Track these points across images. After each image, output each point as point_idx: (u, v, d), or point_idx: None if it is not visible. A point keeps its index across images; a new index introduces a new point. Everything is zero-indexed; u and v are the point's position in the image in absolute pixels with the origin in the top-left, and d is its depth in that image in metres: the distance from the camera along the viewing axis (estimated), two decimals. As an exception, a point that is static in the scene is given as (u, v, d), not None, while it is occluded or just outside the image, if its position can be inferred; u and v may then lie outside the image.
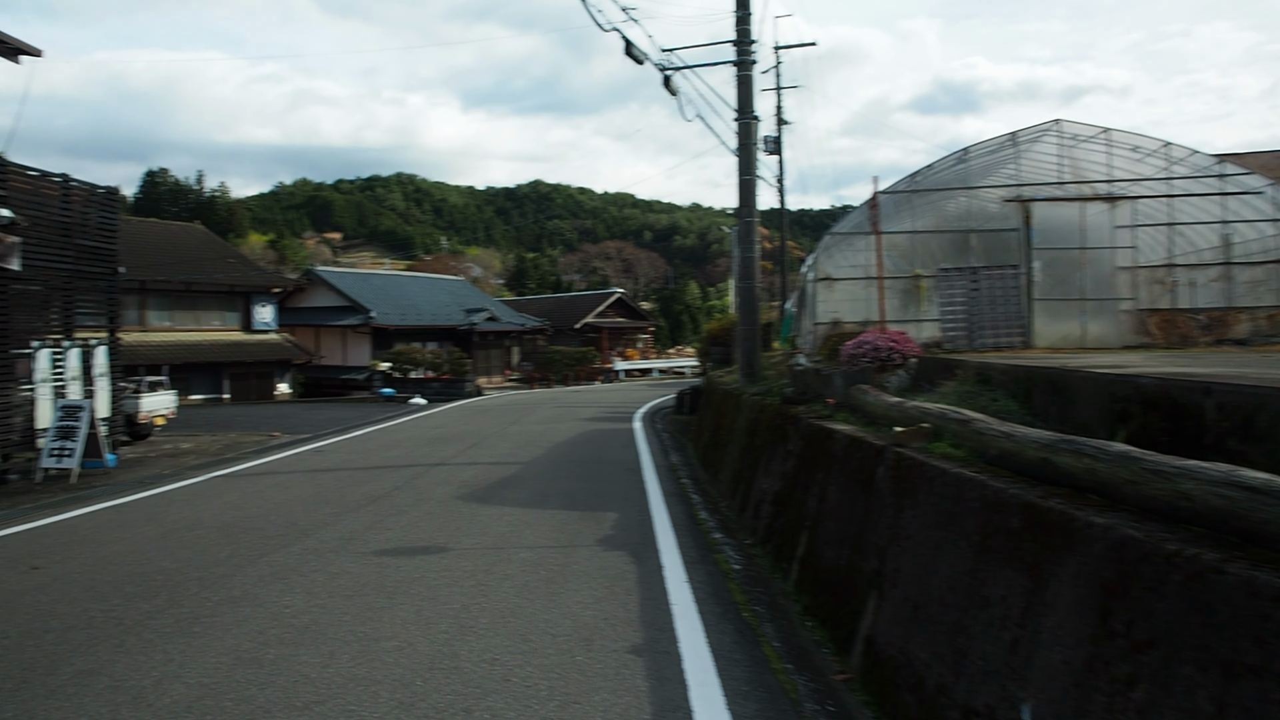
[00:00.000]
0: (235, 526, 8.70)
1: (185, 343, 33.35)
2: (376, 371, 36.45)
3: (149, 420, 18.42)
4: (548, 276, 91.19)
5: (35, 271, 13.30)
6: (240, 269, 38.18)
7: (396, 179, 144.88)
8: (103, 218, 15.23)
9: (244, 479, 12.28)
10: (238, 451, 15.99)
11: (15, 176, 13.07)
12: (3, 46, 13.96)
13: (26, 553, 7.75)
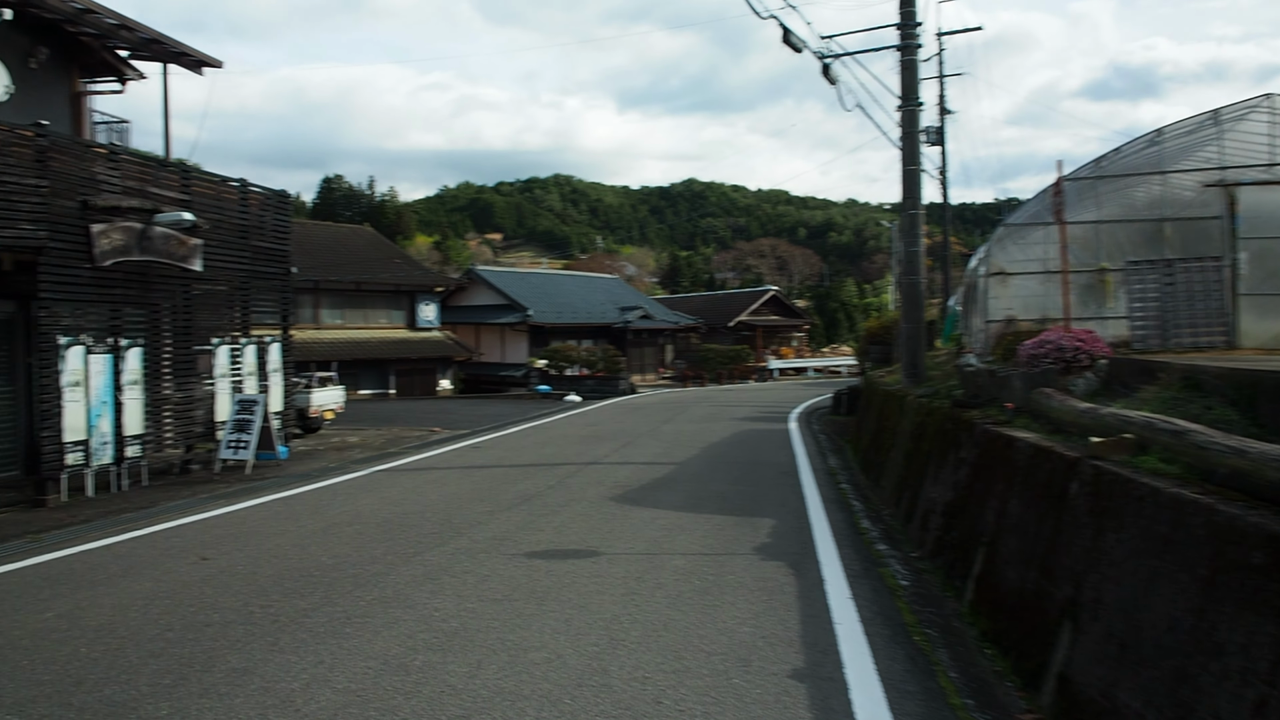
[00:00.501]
0: (392, 523, 8.79)
1: (355, 340, 34.90)
2: (533, 368, 37.13)
3: (319, 414, 19.23)
4: (701, 274, 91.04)
5: (215, 272, 14.01)
6: (405, 269, 39.67)
7: (554, 180, 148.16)
8: (277, 220, 15.94)
9: (404, 474, 12.52)
10: (400, 446, 16.42)
11: (198, 182, 13.80)
12: (188, 59, 14.80)
13: (198, 543, 8.03)
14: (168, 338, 13.30)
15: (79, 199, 11.46)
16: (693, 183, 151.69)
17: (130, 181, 12.46)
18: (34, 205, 10.80)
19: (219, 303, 14.53)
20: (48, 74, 14.00)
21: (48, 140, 11.07)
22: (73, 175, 11.44)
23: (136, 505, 10.55)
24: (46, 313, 11.03)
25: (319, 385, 19.81)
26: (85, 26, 13.42)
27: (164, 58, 14.64)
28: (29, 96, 13.51)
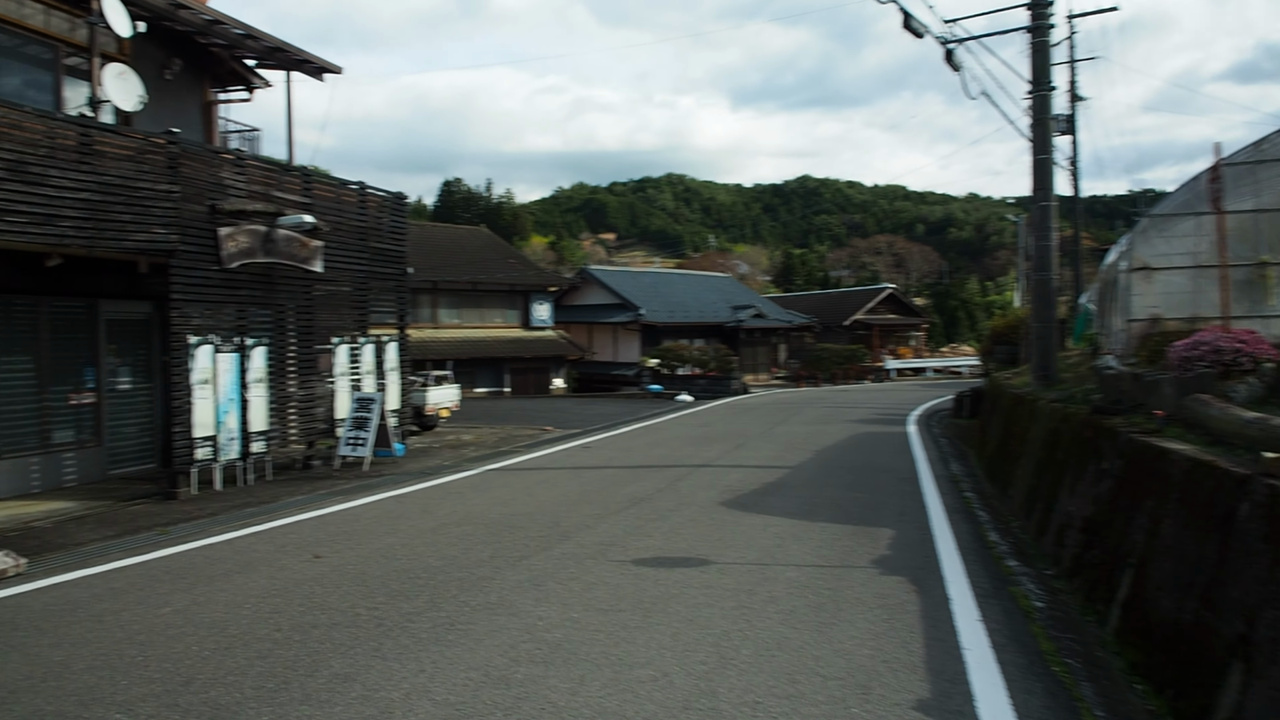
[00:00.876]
0: (501, 524, 8.72)
1: (471, 339, 35.54)
2: (645, 368, 37.09)
3: (435, 412, 19.55)
4: (815, 272, 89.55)
5: (335, 273, 14.33)
6: (520, 269, 40.21)
7: (666, 179, 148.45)
8: (394, 221, 16.23)
9: (514, 474, 12.52)
10: (512, 445, 16.51)
11: (318, 185, 14.14)
12: (309, 66, 15.18)
13: (312, 540, 8.13)
14: (291, 337, 13.66)
15: (207, 203, 11.85)
16: (807, 179, 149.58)
17: (255, 186, 12.84)
18: (165, 210, 11.21)
19: (339, 303, 14.87)
20: (181, 85, 14.58)
21: (178, 147, 11.47)
22: (201, 180, 11.84)
23: (259, 500, 10.83)
24: (177, 313, 11.43)
25: (435, 384, 20.15)
26: (214, 37, 13.91)
27: (287, 65, 15.07)
28: (164, 106, 14.09)
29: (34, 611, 5.95)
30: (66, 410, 12.40)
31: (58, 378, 12.24)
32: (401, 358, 16.07)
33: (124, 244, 10.70)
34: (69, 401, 12.44)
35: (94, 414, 12.81)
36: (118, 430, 13.16)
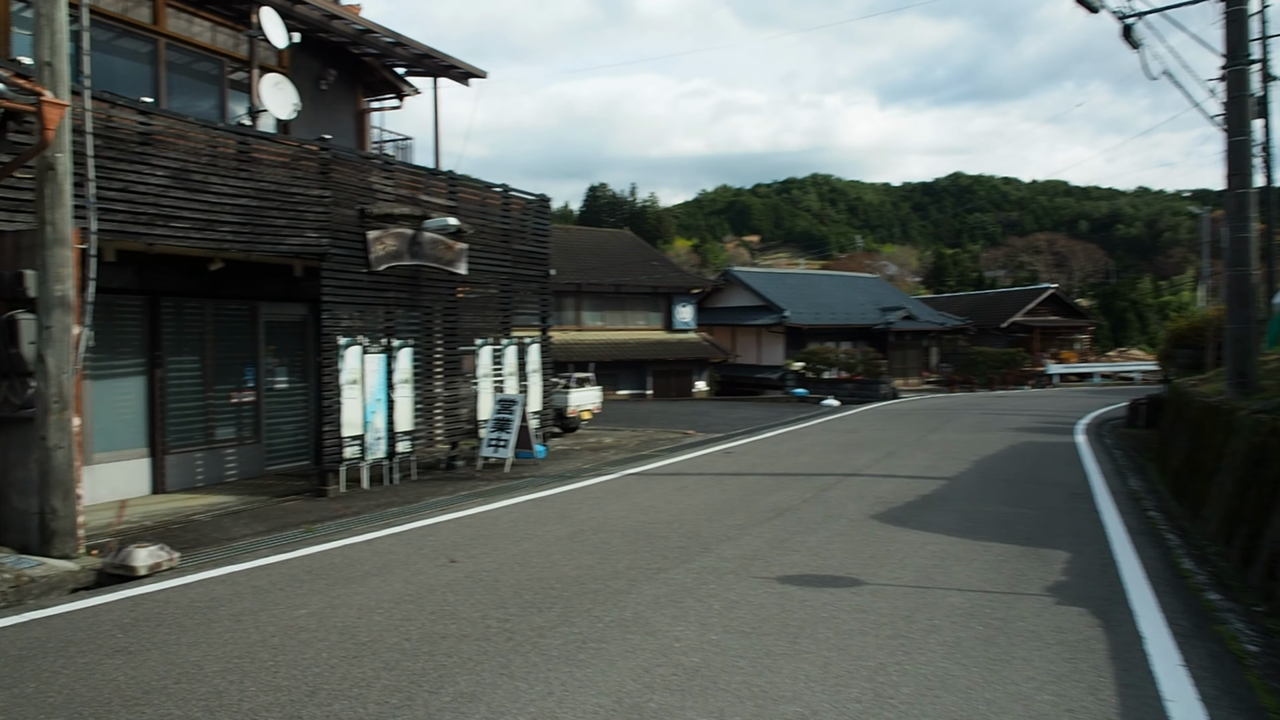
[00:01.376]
0: (639, 533, 8.42)
1: (614, 341, 35.66)
2: (789, 371, 36.31)
3: (577, 414, 19.54)
4: (968, 273, 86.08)
5: (479, 275, 14.43)
6: (663, 271, 40.12)
7: (811, 180, 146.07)
8: (537, 224, 16.25)
9: (655, 479, 12.23)
10: (653, 449, 16.26)
11: (463, 189, 14.26)
12: (455, 72, 15.37)
13: (449, 544, 8.03)
14: (435, 339, 13.82)
15: (357, 207, 12.08)
16: (959, 176, 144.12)
17: (402, 190, 13.04)
18: (317, 214, 11.47)
19: (482, 305, 14.98)
20: (335, 94, 15.02)
21: (330, 153, 11.73)
22: (351, 185, 12.08)
23: (403, 499, 10.92)
24: (328, 315, 11.69)
25: (577, 386, 20.16)
26: (366, 46, 14.25)
27: (434, 71, 15.31)
28: (320, 116, 14.54)
29: (180, 607, 6.02)
30: (229, 408, 12.91)
31: (221, 377, 12.75)
32: (543, 359, 16.07)
33: (279, 248, 11.00)
34: (231, 400, 12.95)
35: (254, 412, 13.30)
36: (275, 428, 13.63)
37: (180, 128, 9.98)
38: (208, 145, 10.32)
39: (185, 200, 9.81)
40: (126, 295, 11.45)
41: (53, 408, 7.40)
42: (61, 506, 7.47)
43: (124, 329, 11.56)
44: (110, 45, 11.80)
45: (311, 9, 12.75)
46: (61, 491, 7.46)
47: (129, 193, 9.20)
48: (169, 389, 11.98)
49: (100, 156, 8.92)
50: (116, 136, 9.21)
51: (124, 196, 9.15)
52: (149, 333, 11.75)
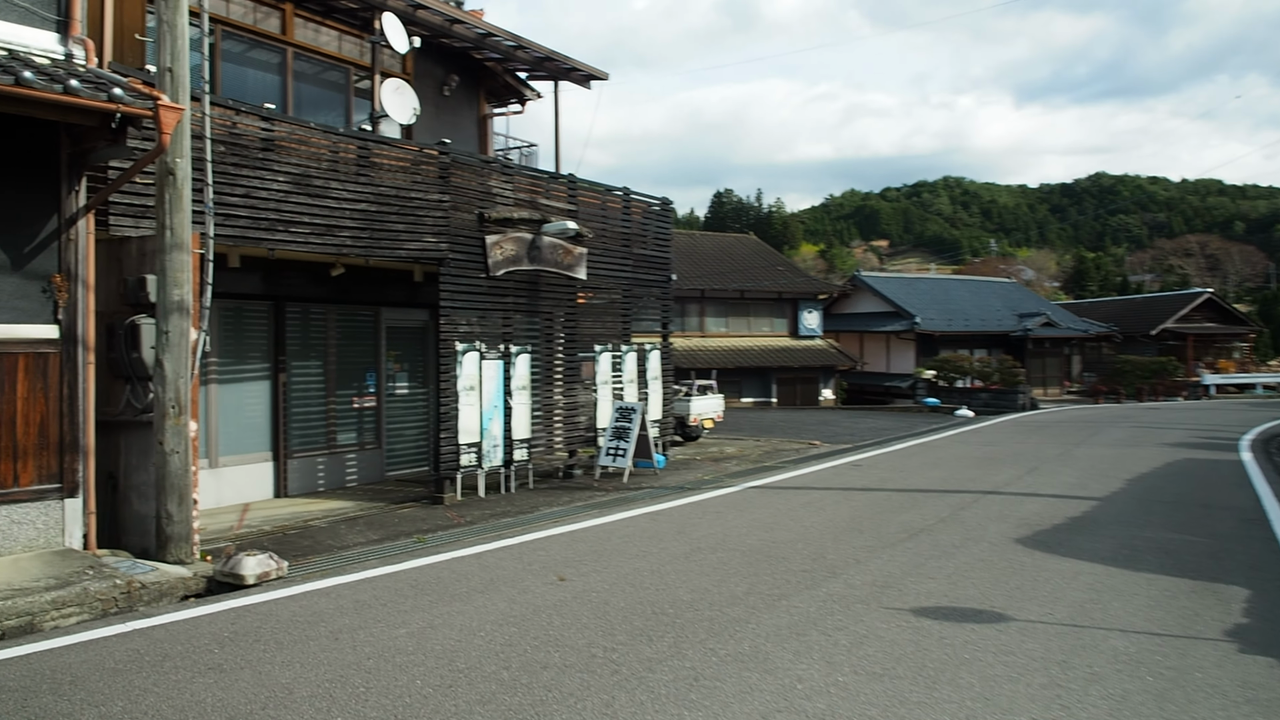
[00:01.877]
0: (760, 553, 7.88)
1: (738, 347, 35.05)
2: (920, 379, 34.92)
3: (698, 423, 19.08)
4: (1111, 278, 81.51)
5: (598, 280, 14.15)
6: (789, 276, 39.26)
7: (943, 183, 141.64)
8: (658, 228, 15.89)
9: (778, 493, 11.64)
10: (777, 460, 15.64)
11: (583, 193, 14.02)
12: (577, 74, 15.17)
13: (561, 560, 7.68)
14: (554, 345, 13.62)
15: (476, 212, 11.96)
16: (1101, 176, 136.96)
17: (521, 194, 12.88)
18: (436, 219, 11.39)
19: (602, 310, 14.70)
20: (458, 100, 15.03)
21: (449, 157, 11.65)
22: (470, 189, 11.97)
23: (517, 509, 10.69)
24: (445, 320, 11.59)
25: (699, 393, 19.69)
26: (488, 50, 14.19)
27: (556, 74, 15.15)
28: (442, 122, 14.57)
29: (280, 622, 5.85)
30: (350, 413, 13.00)
31: (343, 382, 12.85)
32: (664, 366, 15.69)
33: (397, 253, 10.95)
34: (352, 405, 13.04)
35: (375, 417, 13.36)
36: (396, 433, 13.67)
37: (301, 134, 10.03)
38: (328, 151, 10.36)
39: (305, 206, 9.84)
40: (252, 300, 11.63)
41: (169, 412, 7.41)
42: (177, 512, 7.47)
43: (250, 334, 11.74)
44: (242, 57, 12.05)
45: (433, 14, 12.74)
46: (177, 496, 7.47)
47: (251, 198, 9.26)
48: (292, 393, 12.12)
49: (223, 163, 9.00)
50: (239, 143, 9.29)
51: (246, 202, 9.21)
52: (274, 338, 11.91)
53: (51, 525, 7.26)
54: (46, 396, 7.22)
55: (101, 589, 6.45)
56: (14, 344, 7.05)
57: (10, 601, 6.02)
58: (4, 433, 6.99)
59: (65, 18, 7.19)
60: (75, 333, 7.38)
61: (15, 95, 6.01)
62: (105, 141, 6.95)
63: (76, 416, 7.38)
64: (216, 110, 9.13)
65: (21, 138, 7.02)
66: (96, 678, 4.79)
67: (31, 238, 7.14)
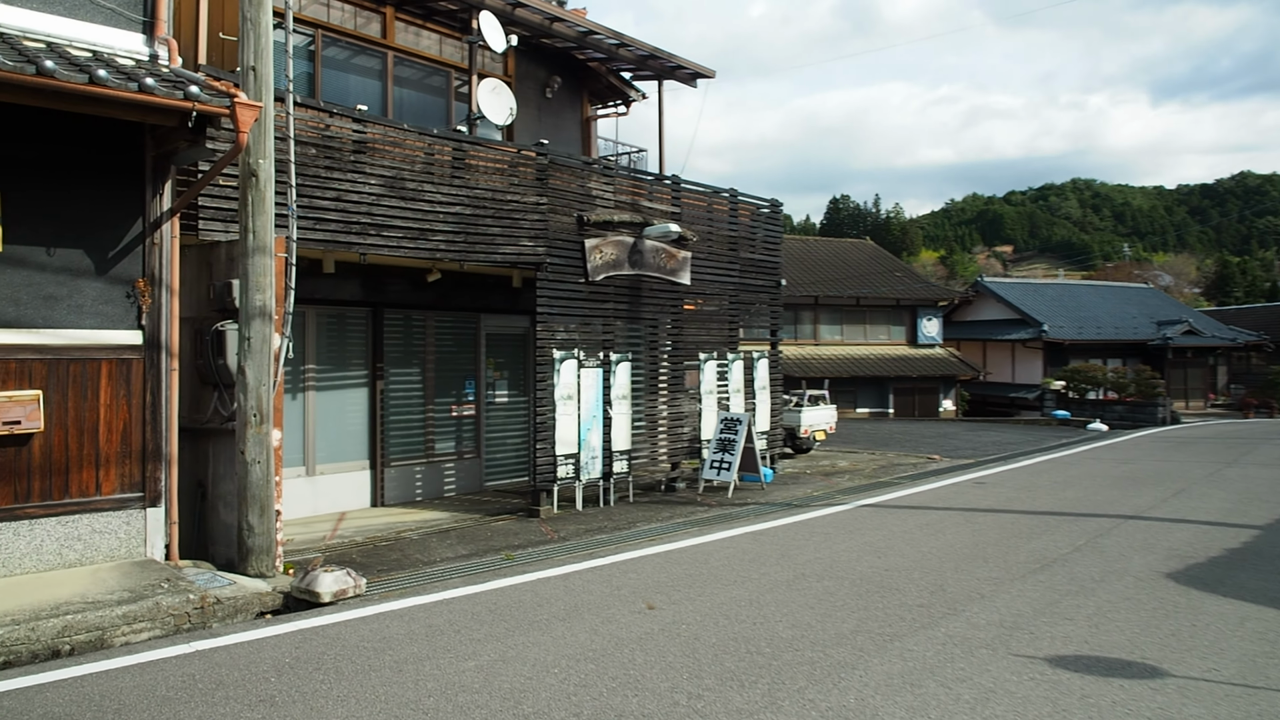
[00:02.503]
0: (870, 582, 7.15)
1: (852, 356, 33.88)
2: (1048, 390, 33.00)
3: (809, 435, 18.26)
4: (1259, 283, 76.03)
5: (703, 285, 13.58)
6: (907, 283, 37.81)
7: (1071, 185, 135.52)
8: (768, 231, 15.21)
9: (892, 513, 10.81)
10: (892, 475, 14.73)
11: (687, 194, 13.47)
12: (683, 72, 14.65)
13: (651, 584, 7.13)
14: (655, 353, 13.11)
15: (575, 215, 11.56)
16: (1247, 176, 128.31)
17: (623, 196, 12.42)
18: (534, 222, 11.04)
19: (706, 317, 14.11)
20: (561, 102, 14.71)
21: (547, 159, 11.28)
22: (569, 192, 11.58)
23: (614, 524, 10.20)
24: (542, 327, 11.22)
25: (810, 404, 18.87)
26: (590, 50, 13.81)
27: (660, 73, 14.67)
28: (545, 124, 14.26)
29: (346, 647, 5.47)
30: (449, 421, 12.77)
31: (442, 389, 12.63)
32: (772, 375, 14.99)
33: (493, 257, 10.63)
34: (451, 413, 12.81)
35: (474, 426, 13.11)
36: (496, 442, 13.39)
37: (395, 135, 9.80)
38: (422, 153, 10.11)
39: (398, 209, 9.60)
40: (351, 307, 11.51)
41: (251, 420, 7.19)
42: (258, 523, 7.25)
43: (348, 341, 11.62)
44: (344, 64, 11.98)
45: (532, 12, 12.43)
46: (258, 507, 7.24)
47: (342, 202, 9.06)
48: (390, 401, 11.96)
49: (314, 165, 8.82)
50: (330, 145, 9.11)
51: (337, 206, 9.01)
52: (372, 344, 11.76)
53: (133, 535, 7.12)
54: (129, 404, 7.09)
55: (174, 604, 6.23)
56: (97, 350, 6.95)
57: (81, 615, 5.84)
58: (87, 440, 6.88)
59: (151, 18, 7.08)
60: (159, 339, 7.24)
61: (89, 94, 5.85)
62: (186, 142, 6.77)
63: (159, 424, 7.23)
64: (308, 113, 8.97)
65: (105, 140, 6.92)
66: (143, 707, 4.49)
67: (115, 242, 7.03)
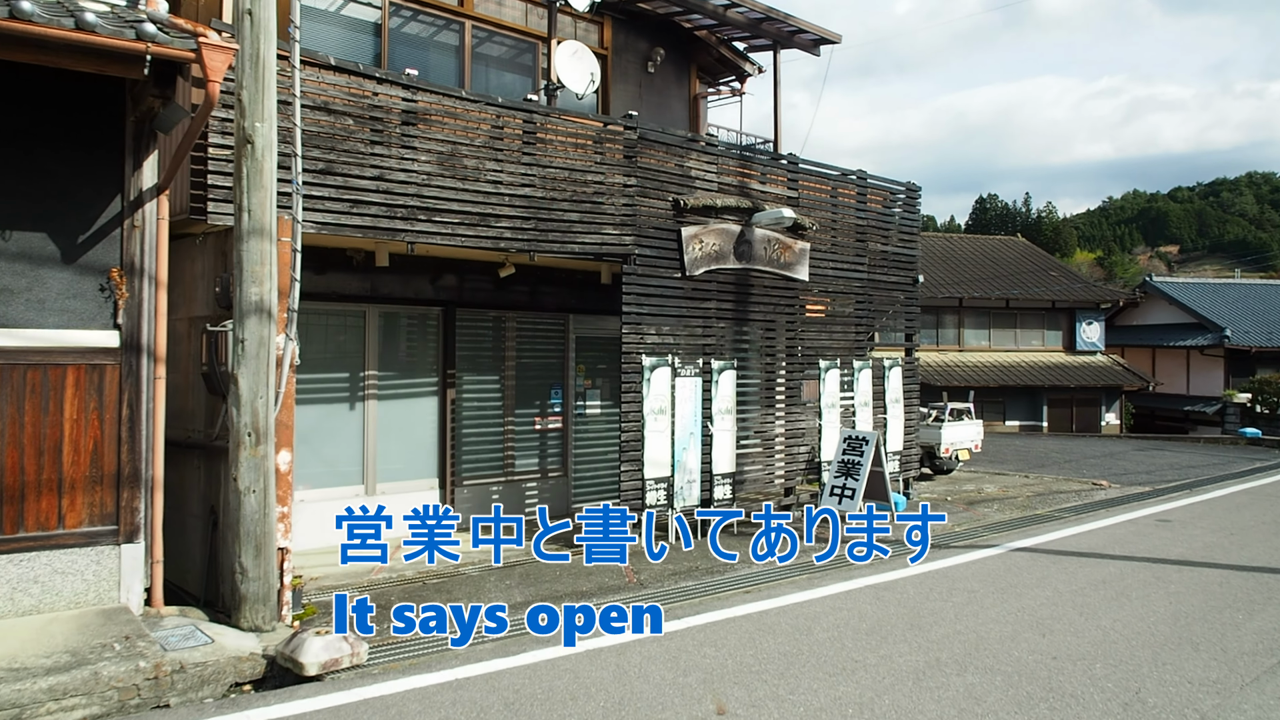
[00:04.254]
0: (1033, 678, 5.21)
1: (1001, 364, 30.92)
2: (1230, 404, 29.23)
3: (951, 454, 16.01)
4: None
5: (824, 281, 11.71)
6: (1063, 282, 34.41)
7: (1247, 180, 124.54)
8: (903, 220, 13.17)
9: (1055, 562, 8.69)
10: (1050, 505, 12.45)
11: (807, 177, 11.63)
12: (804, 38, 12.81)
13: (732, 668, 5.39)
14: (768, 359, 11.34)
15: (670, 198, 9.94)
16: None
17: (727, 179, 10.71)
18: (620, 207, 9.48)
19: (828, 318, 12.21)
20: (665, 78, 13.09)
21: (636, 133, 9.70)
22: (663, 172, 9.97)
23: (709, 566, 8.50)
24: (629, 329, 9.64)
25: (952, 418, 16.60)
26: (695, 13, 12.12)
27: (777, 40, 12.84)
28: (648, 102, 12.67)
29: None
30: (531, 435, 11.34)
31: (523, 400, 11.22)
32: (907, 386, 12.95)
33: (569, 247, 9.12)
34: (534, 426, 11.38)
35: (560, 441, 11.64)
36: (585, 459, 11.86)
37: (451, 105, 8.40)
38: (486, 125, 8.68)
39: (454, 191, 8.21)
40: (418, 305, 10.22)
41: (245, 440, 5.86)
42: (253, 566, 5.91)
43: (415, 343, 10.35)
44: (418, 40, 10.73)
45: (626, -31, 10.90)
46: (253, 547, 5.91)
47: (384, 181, 7.73)
48: (463, 412, 10.61)
49: (352, 139, 7.52)
50: (373, 116, 7.77)
51: (378, 186, 7.68)
52: (442, 348, 10.43)
53: (104, 577, 5.90)
54: (102, 418, 5.88)
55: (118, 674, 4.93)
56: (62, 353, 5.76)
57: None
58: (47, 462, 5.70)
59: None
60: (139, 340, 6.00)
61: (11, 33, 4.60)
62: (157, 99, 5.50)
63: (138, 443, 6.00)
64: (344, 77, 7.66)
65: (72, 100, 5.73)
66: None
67: (86, 224, 5.84)
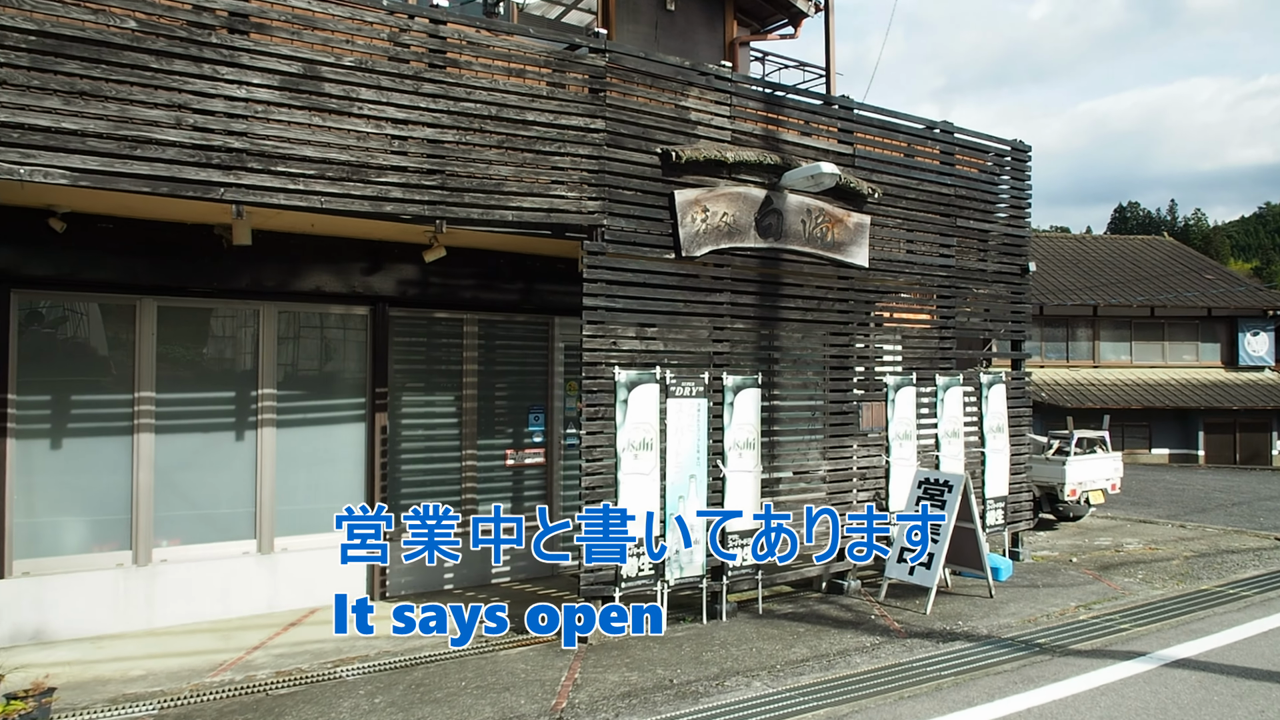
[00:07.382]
0: None
1: (1146, 381, 26.64)
2: None
3: (1079, 496, 12.56)
4: None
5: (892, 268, 8.69)
6: (1221, 286, 29.70)
7: None
8: (1011, 189, 10.01)
9: (1234, 689, 5.47)
10: (1219, 573, 9.04)
11: (865, 128, 8.64)
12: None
13: None
14: (804, 374, 8.41)
15: (656, 149, 7.19)
16: None
17: (747, 125, 7.87)
18: (579, 159, 6.80)
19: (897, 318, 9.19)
20: (690, 19, 10.36)
21: (605, 57, 7.00)
22: (647, 114, 7.22)
23: (700, 673, 5.69)
24: (594, 330, 6.91)
25: (1080, 449, 13.14)
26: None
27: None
28: (667, 49, 9.94)
29: None
30: (501, 473, 8.73)
31: (488, 427, 8.62)
32: (1014, 409, 9.76)
33: (496, 214, 6.47)
34: (505, 462, 8.75)
35: (543, 479, 8.99)
36: (575, 502, 9.15)
37: (304, 8, 5.87)
38: (364, 37, 6.13)
39: (306, 129, 5.69)
40: (334, 303, 7.76)
41: None
42: None
43: (332, 354, 7.90)
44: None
45: None
46: None
47: (189, 113, 5.27)
48: (400, 443, 8.09)
49: (134, 49, 5.09)
50: (171, 22, 5.32)
51: (177, 119, 5.22)
52: (371, 360, 7.95)
53: None
54: None
55: None
56: None
57: None
58: None
59: None
60: None
61: None
62: None
63: None
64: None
65: None
66: None
67: None
